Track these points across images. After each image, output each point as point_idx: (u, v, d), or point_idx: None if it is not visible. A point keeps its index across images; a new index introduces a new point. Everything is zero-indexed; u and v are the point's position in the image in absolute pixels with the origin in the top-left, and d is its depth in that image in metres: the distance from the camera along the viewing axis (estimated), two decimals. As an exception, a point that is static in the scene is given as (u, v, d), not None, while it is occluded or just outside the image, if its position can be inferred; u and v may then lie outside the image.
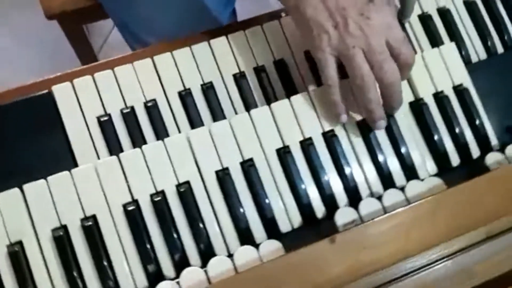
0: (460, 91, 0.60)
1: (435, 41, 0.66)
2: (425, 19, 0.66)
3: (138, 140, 0.58)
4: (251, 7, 1.43)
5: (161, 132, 0.59)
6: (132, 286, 0.52)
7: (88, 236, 0.51)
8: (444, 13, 0.67)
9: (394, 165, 0.57)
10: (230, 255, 0.52)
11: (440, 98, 0.60)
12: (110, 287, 0.51)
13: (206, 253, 0.52)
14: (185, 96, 0.61)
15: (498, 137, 0.61)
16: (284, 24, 0.65)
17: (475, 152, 0.59)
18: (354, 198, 0.56)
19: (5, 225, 0.51)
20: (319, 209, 0.56)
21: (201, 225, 0.53)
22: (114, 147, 0.58)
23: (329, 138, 0.57)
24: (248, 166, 0.55)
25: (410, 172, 0.58)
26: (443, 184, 0.54)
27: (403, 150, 0.58)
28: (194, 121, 0.60)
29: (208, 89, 0.61)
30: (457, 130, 0.59)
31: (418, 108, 0.59)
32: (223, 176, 0.55)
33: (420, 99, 0.60)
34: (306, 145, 0.56)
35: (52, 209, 0.52)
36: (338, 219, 0.51)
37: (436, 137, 0.59)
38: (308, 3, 0.54)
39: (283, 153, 0.56)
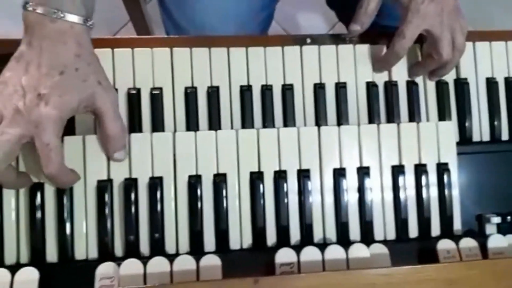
0: (442, 170, 0.62)
1: (443, 111, 0.67)
2: (441, 86, 0.67)
3: (134, 124, 0.62)
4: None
5: (157, 123, 0.63)
6: (84, 251, 0.57)
7: (59, 196, 0.57)
8: (462, 85, 0.68)
9: (353, 219, 0.60)
10: (178, 255, 0.57)
11: (420, 170, 0.62)
12: (66, 245, 0.57)
13: (156, 246, 0.58)
14: (190, 94, 0.64)
15: (465, 223, 0.63)
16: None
17: (435, 230, 0.62)
18: (307, 237, 0.60)
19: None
20: (271, 238, 0.59)
21: (159, 219, 0.58)
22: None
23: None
24: (220, 181, 0.59)
25: (367, 229, 0.61)
26: (387, 256, 0.57)
27: (367, 205, 0.61)
28: (191, 122, 0.63)
29: (212, 93, 0.64)
30: (424, 205, 0.61)
31: (396, 172, 0.61)
32: (194, 183, 0.59)
33: (402, 166, 0.62)
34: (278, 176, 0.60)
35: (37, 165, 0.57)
36: (278, 257, 0.55)
37: (402, 204, 0.61)
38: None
39: (256, 178, 0.60)
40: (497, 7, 1.54)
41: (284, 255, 0.55)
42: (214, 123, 0.63)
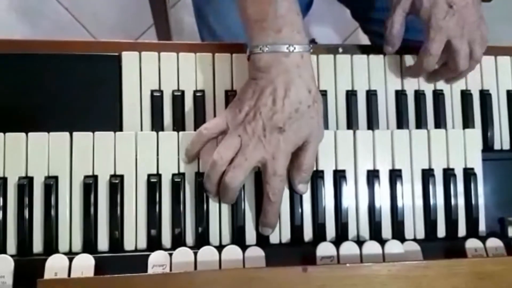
0: (469, 174, 0.66)
1: (467, 120, 0.71)
2: (465, 96, 0.71)
3: (178, 123, 0.66)
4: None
5: (199, 122, 0.66)
6: (134, 242, 0.61)
7: (112, 191, 0.60)
8: (485, 96, 0.72)
9: (386, 218, 0.64)
10: (221, 246, 0.60)
11: (448, 174, 0.65)
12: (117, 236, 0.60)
13: (202, 238, 0.61)
14: (230, 97, 0.68)
15: (489, 225, 0.66)
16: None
17: (461, 231, 0.65)
18: (342, 234, 0.63)
19: (48, 160, 0.60)
20: (308, 234, 0.63)
21: (205, 213, 0.61)
22: (157, 123, 0.66)
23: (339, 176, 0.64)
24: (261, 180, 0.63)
25: (399, 229, 0.64)
26: (420, 252, 0.60)
27: (399, 206, 0.64)
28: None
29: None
30: (452, 207, 0.65)
31: (426, 176, 0.65)
32: (237, 179, 0.62)
33: (431, 169, 0.66)
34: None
35: (91, 159, 0.61)
36: (319, 251, 0.58)
37: (431, 205, 0.65)
38: (264, 79, 0.58)
39: (295, 177, 0.63)
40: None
41: (324, 249, 0.59)
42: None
